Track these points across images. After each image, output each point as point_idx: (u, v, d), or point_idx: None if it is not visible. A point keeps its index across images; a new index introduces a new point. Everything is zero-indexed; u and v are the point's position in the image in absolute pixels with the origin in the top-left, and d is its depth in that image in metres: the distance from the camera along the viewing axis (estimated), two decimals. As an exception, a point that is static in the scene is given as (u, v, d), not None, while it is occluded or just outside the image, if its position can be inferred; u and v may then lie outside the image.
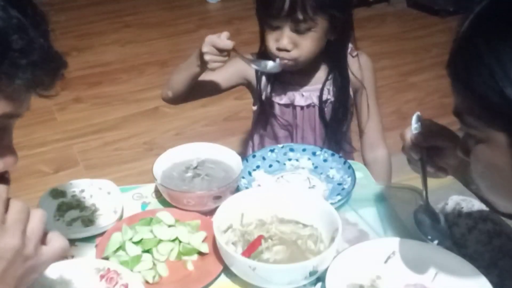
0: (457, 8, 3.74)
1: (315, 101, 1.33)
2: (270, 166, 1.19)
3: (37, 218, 0.63)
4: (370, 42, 3.47)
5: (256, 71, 1.33)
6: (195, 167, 1.14)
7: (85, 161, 2.37)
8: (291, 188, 1.12)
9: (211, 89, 1.34)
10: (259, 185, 1.13)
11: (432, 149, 0.89)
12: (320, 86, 1.32)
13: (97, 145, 2.48)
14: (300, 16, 1.15)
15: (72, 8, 4.09)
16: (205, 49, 1.14)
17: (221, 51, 1.14)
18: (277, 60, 1.21)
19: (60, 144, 2.50)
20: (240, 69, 1.35)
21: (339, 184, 1.12)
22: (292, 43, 1.19)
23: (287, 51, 1.20)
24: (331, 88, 1.33)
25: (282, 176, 1.17)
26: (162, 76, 3.11)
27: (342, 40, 1.27)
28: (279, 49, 1.21)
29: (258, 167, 1.18)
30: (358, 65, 1.34)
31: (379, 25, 3.82)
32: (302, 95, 1.33)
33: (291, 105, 1.35)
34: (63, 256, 0.67)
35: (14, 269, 0.59)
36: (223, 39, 1.14)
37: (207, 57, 1.15)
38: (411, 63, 3.18)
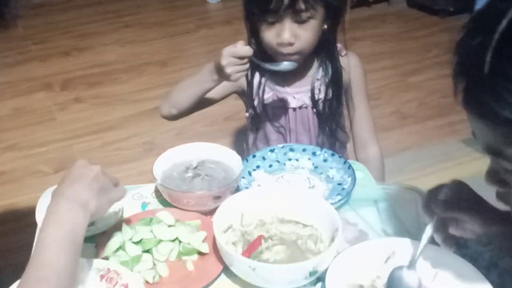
0: (457, 8, 3.75)
1: (307, 101, 1.33)
2: (270, 166, 1.19)
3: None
4: (370, 42, 3.48)
5: (246, 77, 1.32)
6: (195, 167, 1.14)
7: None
8: (291, 188, 1.12)
9: (209, 102, 1.34)
10: (259, 185, 1.13)
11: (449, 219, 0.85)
12: (310, 86, 1.32)
13: (97, 145, 2.49)
14: (302, 6, 1.14)
15: (72, 8, 4.09)
16: (225, 61, 1.12)
17: (241, 59, 1.13)
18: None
19: (60, 144, 2.50)
20: None
21: (339, 184, 1.12)
22: (293, 36, 1.18)
23: (290, 44, 1.19)
24: (322, 88, 1.32)
25: (282, 176, 1.17)
26: (162, 76, 3.11)
27: (334, 28, 1.27)
28: (281, 44, 1.20)
29: (258, 167, 1.18)
30: (348, 64, 1.34)
31: (379, 25, 3.82)
32: (294, 97, 1.33)
33: (283, 108, 1.34)
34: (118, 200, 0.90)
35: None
36: (241, 47, 1.12)
37: (229, 70, 1.13)
38: (411, 63, 3.18)
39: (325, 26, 1.24)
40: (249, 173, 1.16)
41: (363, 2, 4.07)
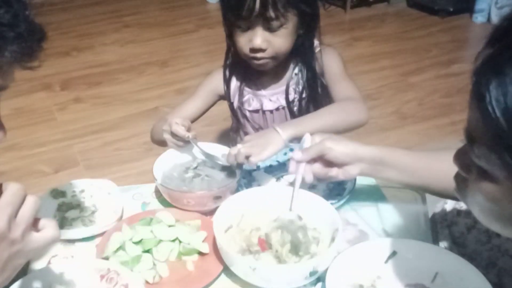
0: (457, 8, 3.75)
1: (283, 102, 1.33)
2: (270, 166, 1.19)
3: (29, 204, 0.62)
4: (370, 42, 3.48)
5: (224, 82, 1.34)
6: (195, 167, 1.14)
7: (85, 161, 2.37)
8: (291, 188, 1.12)
9: (195, 119, 1.35)
10: (259, 185, 1.13)
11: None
12: (285, 87, 1.32)
13: (97, 145, 2.49)
14: (272, 14, 1.15)
15: (72, 8, 4.10)
16: (165, 135, 1.14)
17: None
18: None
19: (60, 144, 2.50)
20: (211, 88, 1.37)
21: (339, 184, 1.12)
22: (266, 41, 1.19)
23: (262, 50, 1.20)
24: (295, 88, 1.32)
25: (282, 176, 1.17)
26: (162, 76, 3.11)
27: (309, 34, 1.27)
28: (253, 50, 1.20)
29: (258, 167, 1.18)
30: (325, 57, 1.32)
31: (379, 25, 3.82)
32: (270, 100, 1.34)
33: (260, 110, 1.35)
34: (52, 245, 0.66)
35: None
36: (182, 130, 1.11)
37: (168, 142, 1.15)
38: (411, 63, 3.18)
39: (301, 32, 1.24)
40: (249, 173, 1.16)
41: (363, 2, 4.07)
